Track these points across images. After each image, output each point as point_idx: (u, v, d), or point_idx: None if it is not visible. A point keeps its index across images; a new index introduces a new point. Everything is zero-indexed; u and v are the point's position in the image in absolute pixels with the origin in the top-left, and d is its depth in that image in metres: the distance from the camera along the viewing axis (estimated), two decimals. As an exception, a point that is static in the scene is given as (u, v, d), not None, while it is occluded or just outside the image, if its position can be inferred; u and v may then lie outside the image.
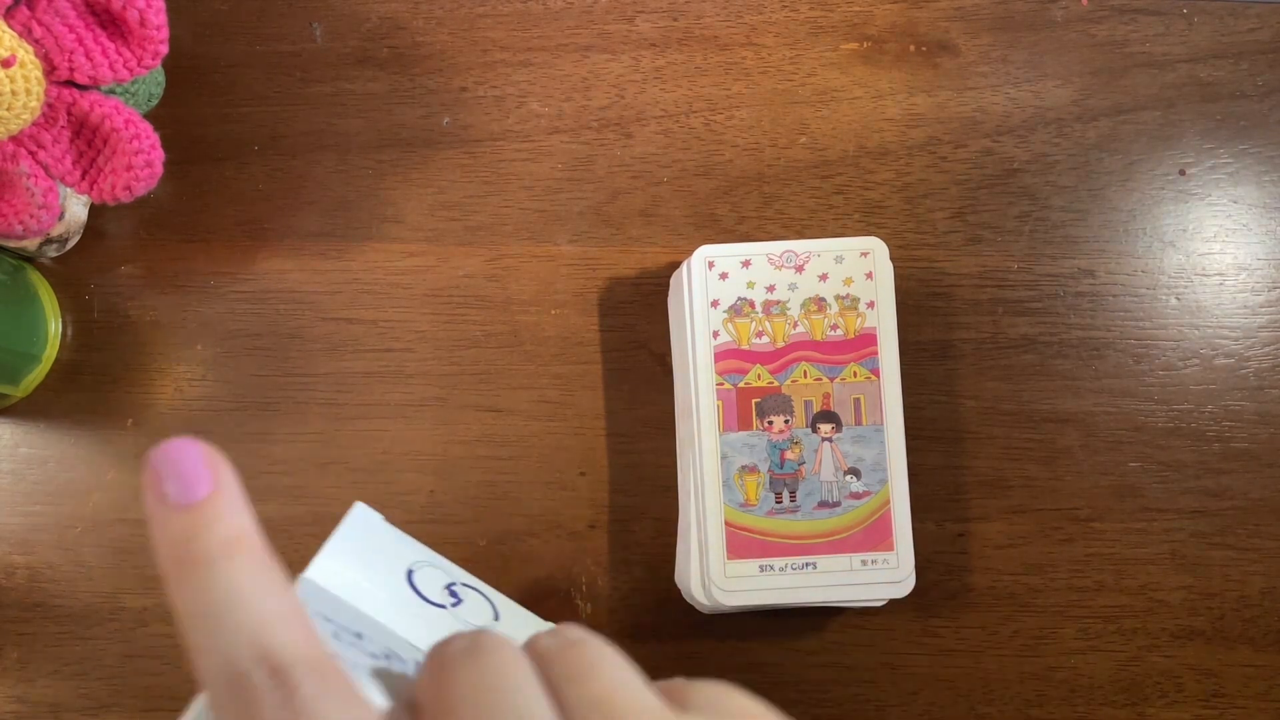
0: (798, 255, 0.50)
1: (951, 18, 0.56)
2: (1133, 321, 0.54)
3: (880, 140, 0.55)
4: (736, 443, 0.49)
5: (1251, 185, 0.55)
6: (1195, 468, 0.53)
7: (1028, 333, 0.54)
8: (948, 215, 0.55)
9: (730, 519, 0.48)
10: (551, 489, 0.53)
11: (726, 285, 0.50)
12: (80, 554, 0.52)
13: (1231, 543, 0.53)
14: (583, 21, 0.56)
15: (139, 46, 0.44)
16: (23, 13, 0.43)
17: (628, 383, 0.54)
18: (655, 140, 0.55)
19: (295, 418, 0.53)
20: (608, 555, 0.53)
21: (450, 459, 0.53)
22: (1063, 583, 0.53)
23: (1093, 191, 0.55)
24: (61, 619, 0.52)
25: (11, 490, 0.53)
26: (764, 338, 0.49)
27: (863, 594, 0.48)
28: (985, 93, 0.55)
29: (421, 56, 0.55)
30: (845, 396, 0.49)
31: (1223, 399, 0.53)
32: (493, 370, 0.54)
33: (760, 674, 0.52)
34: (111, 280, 0.54)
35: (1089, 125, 0.55)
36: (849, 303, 0.50)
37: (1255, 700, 0.52)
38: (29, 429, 0.53)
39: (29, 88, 0.43)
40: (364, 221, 0.54)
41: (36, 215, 0.45)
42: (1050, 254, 0.54)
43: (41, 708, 0.52)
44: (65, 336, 0.54)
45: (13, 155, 0.44)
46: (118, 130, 0.45)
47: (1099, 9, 0.56)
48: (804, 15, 0.56)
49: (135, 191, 0.45)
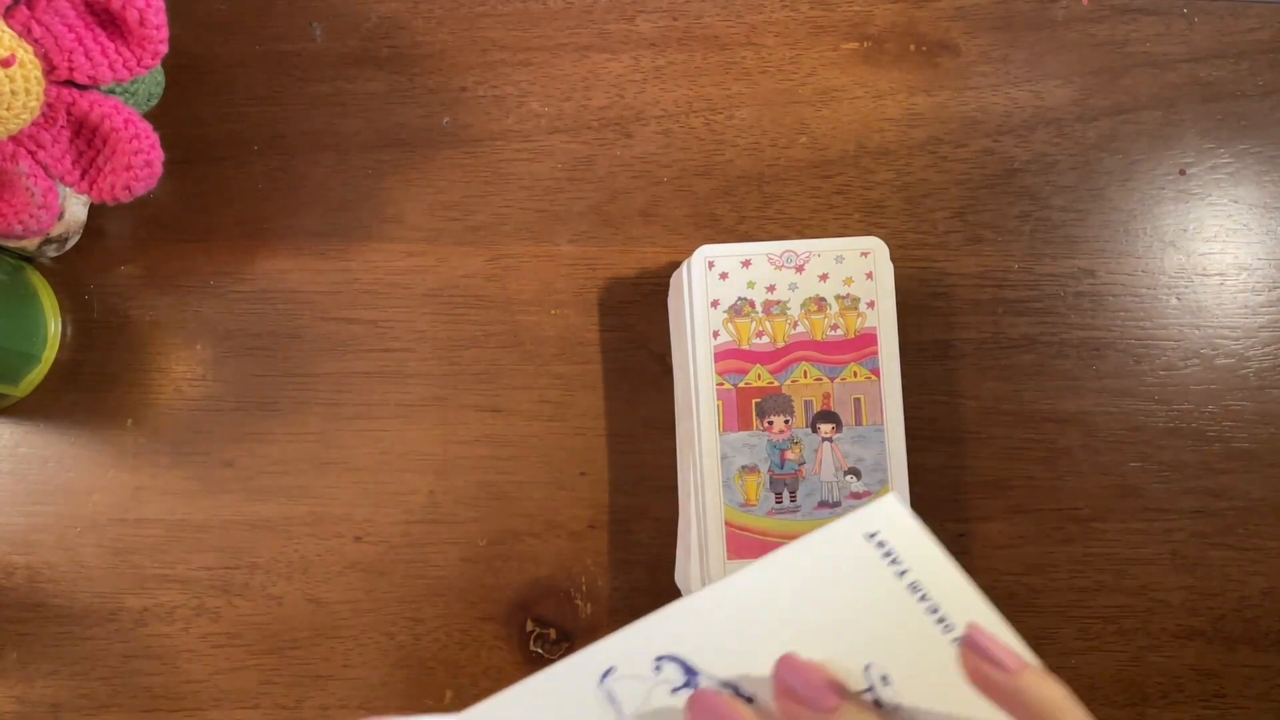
0: (798, 255, 0.50)
1: (952, 17, 0.56)
2: (1133, 321, 0.54)
3: (880, 140, 0.55)
4: (737, 442, 0.49)
5: (1252, 185, 0.55)
6: (1195, 468, 0.53)
7: (1028, 333, 0.54)
8: (948, 215, 0.55)
9: (730, 519, 0.48)
10: (551, 489, 0.53)
11: (727, 285, 0.50)
12: (80, 554, 0.52)
13: (1232, 543, 0.53)
14: (583, 21, 0.56)
15: (139, 46, 0.44)
16: (22, 12, 0.43)
17: (628, 383, 0.54)
18: (655, 140, 0.55)
19: (295, 418, 0.53)
20: (608, 555, 0.53)
21: (450, 459, 0.53)
22: (1063, 583, 0.53)
23: (1093, 191, 0.55)
24: (61, 619, 0.52)
25: (11, 490, 0.53)
26: (764, 338, 0.49)
27: (863, 594, 0.48)
28: (985, 92, 0.55)
29: (421, 56, 0.55)
30: (845, 396, 0.49)
31: (1223, 399, 0.53)
32: (493, 370, 0.54)
33: (760, 674, 0.52)
34: (111, 280, 0.54)
35: (1089, 125, 0.55)
36: (849, 303, 0.50)
37: (1255, 700, 0.52)
38: (29, 429, 0.53)
39: (28, 87, 0.43)
40: (364, 221, 0.54)
41: (36, 215, 0.45)
42: (1050, 254, 0.54)
43: (41, 708, 0.52)
44: (65, 336, 0.54)
45: (12, 155, 0.44)
46: (117, 130, 0.45)
47: (1099, 9, 0.56)
48: (804, 15, 0.56)
49: (135, 191, 0.45)
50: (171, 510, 0.53)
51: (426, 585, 0.52)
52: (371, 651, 0.52)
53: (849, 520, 0.33)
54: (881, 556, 0.33)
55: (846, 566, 0.33)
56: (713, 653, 0.31)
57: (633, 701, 0.30)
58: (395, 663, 0.52)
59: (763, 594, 0.32)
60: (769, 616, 0.32)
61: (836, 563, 0.33)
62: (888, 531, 0.33)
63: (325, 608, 0.52)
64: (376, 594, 0.52)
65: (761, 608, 0.32)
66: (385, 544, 0.53)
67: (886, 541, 0.33)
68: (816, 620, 0.32)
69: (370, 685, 0.52)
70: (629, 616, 0.52)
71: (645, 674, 0.31)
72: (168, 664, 0.52)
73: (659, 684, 0.31)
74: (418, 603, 0.52)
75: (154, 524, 0.53)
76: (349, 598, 0.52)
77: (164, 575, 0.52)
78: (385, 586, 0.52)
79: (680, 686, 0.31)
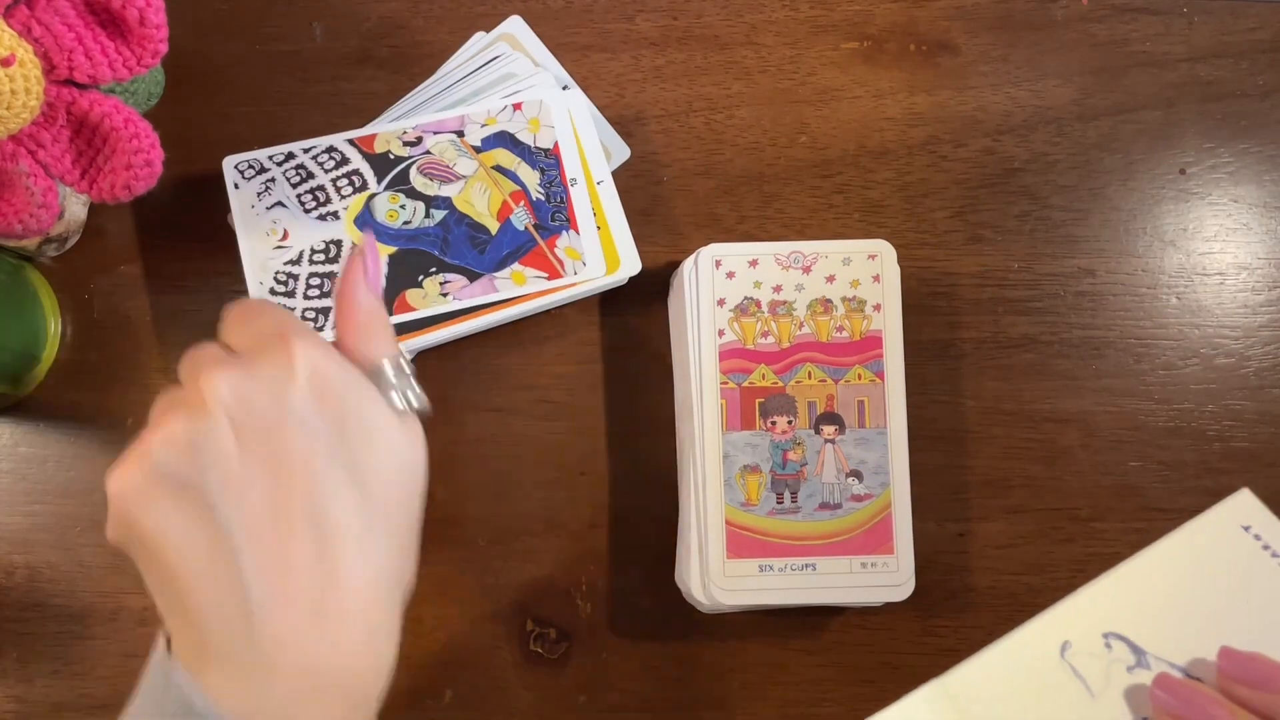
0: (805, 256, 0.50)
1: (951, 17, 0.56)
2: (1133, 321, 0.54)
3: (880, 140, 0.55)
4: (739, 442, 0.49)
5: (1252, 184, 0.55)
6: (1195, 467, 0.53)
7: (1028, 332, 0.54)
8: (948, 215, 0.55)
9: (731, 518, 0.48)
10: (551, 489, 0.53)
11: (733, 284, 0.50)
12: (80, 554, 0.52)
13: (1231, 542, 0.53)
14: (583, 21, 0.56)
15: (139, 46, 0.44)
16: (22, 12, 0.43)
17: (628, 383, 0.54)
18: (655, 140, 0.55)
19: (295, 417, 0.53)
20: (608, 555, 0.53)
21: (450, 459, 0.53)
22: (1063, 583, 0.52)
23: (1093, 191, 0.55)
24: (61, 619, 0.52)
25: (11, 490, 0.53)
26: (769, 338, 0.49)
27: (862, 597, 0.48)
28: (985, 92, 0.55)
29: (421, 56, 0.55)
30: (849, 399, 0.49)
31: (1223, 398, 0.54)
32: (493, 370, 0.54)
33: (760, 674, 0.52)
34: (111, 280, 0.54)
35: (1089, 125, 0.55)
36: (855, 305, 0.50)
37: (1255, 699, 0.52)
38: (29, 429, 0.53)
39: (28, 87, 0.43)
40: (364, 221, 0.54)
41: (36, 215, 0.45)
42: (1051, 253, 0.54)
43: (41, 708, 0.52)
44: (65, 336, 0.53)
45: (12, 155, 0.44)
46: (117, 129, 0.45)
47: (1099, 8, 0.56)
48: (804, 14, 0.56)
49: (135, 191, 0.45)
50: (171, 510, 0.52)
51: (426, 585, 0.52)
52: (372, 651, 0.52)
53: (1215, 514, 0.36)
54: (1261, 548, 0.35)
55: (1232, 556, 0.35)
56: (1149, 633, 0.34)
57: (1096, 679, 0.33)
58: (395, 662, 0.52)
59: (1163, 580, 0.35)
60: (1179, 603, 0.34)
61: (1221, 553, 0.35)
62: (1256, 524, 0.36)
63: (326, 608, 0.52)
64: (377, 594, 0.52)
65: (1169, 593, 0.35)
66: (386, 544, 0.52)
67: (1261, 534, 0.35)
68: (1224, 608, 0.34)
69: (371, 685, 0.52)
70: (629, 616, 0.52)
71: (1099, 651, 0.33)
72: (168, 664, 0.52)
73: (1114, 662, 0.33)
74: (417, 603, 0.52)
75: (154, 524, 0.52)
76: (349, 598, 0.52)
77: (164, 575, 0.52)
78: (386, 586, 0.52)
79: (1134, 666, 0.33)
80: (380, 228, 0.51)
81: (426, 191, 0.52)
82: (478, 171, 0.52)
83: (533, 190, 0.52)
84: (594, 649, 0.52)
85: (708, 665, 0.52)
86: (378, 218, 0.51)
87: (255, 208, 0.52)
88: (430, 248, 0.51)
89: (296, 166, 0.52)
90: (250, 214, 0.52)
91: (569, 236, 0.51)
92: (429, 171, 0.52)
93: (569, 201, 0.52)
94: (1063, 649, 0.33)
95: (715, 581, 0.48)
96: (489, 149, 0.52)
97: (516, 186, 0.52)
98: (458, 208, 0.51)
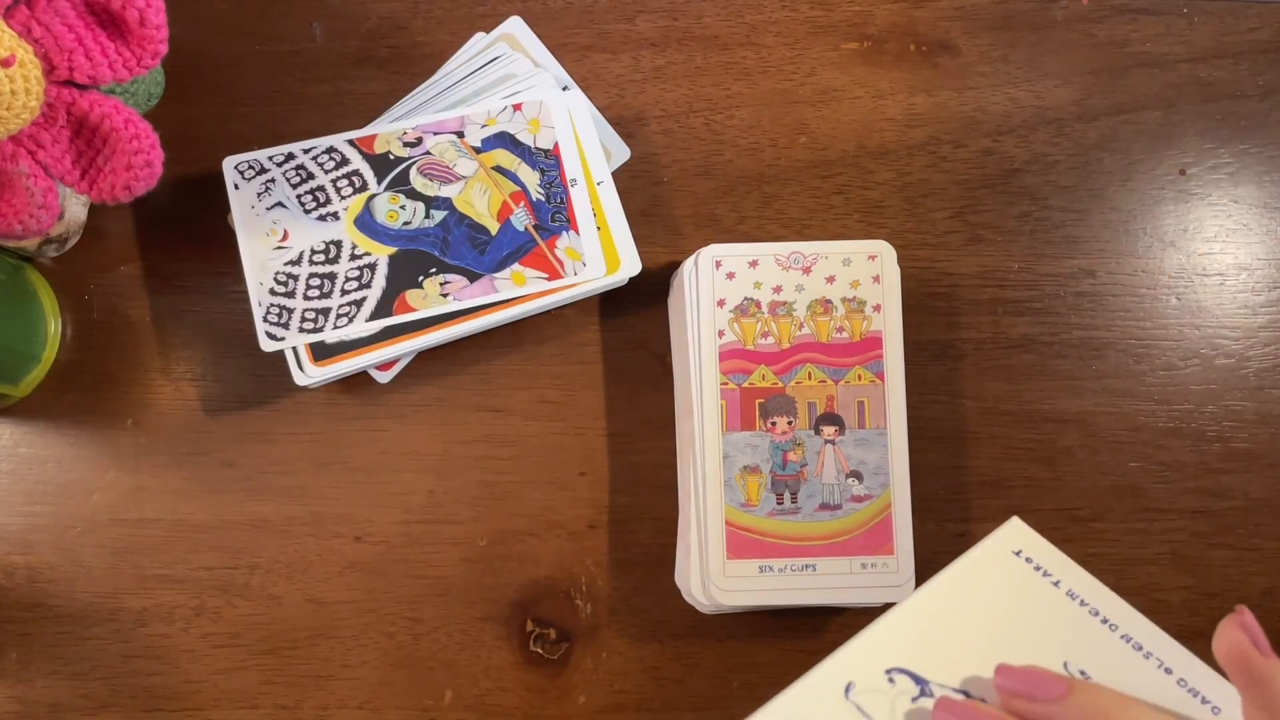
0: (805, 257, 0.50)
1: (951, 17, 0.56)
2: (1133, 321, 0.54)
3: (880, 140, 0.55)
4: (739, 442, 0.49)
5: (1252, 185, 0.55)
6: (1195, 468, 0.53)
7: (1028, 333, 0.54)
8: (948, 215, 0.55)
9: (731, 518, 0.48)
10: (551, 489, 0.53)
11: (733, 285, 0.50)
12: (80, 554, 0.52)
13: (1232, 543, 0.53)
14: (583, 21, 0.56)
15: (139, 46, 0.44)
16: (22, 12, 0.43)
17: (628, 383, 0.54)
18: (655, 140, 0.55)
19: (295, 418, 0.53)
20: (608, 555, 0.53)
21: (450, 459, 0.53)
22: (1063, 583, 0.53)
23: (1093, 191, 0.55)
24: (61, 619, 0.52)
25: (11, 490, 0.53)
26: (769, 338, 0.49)
27: (862, 597, 0.48)
28: (985, 93, 0.55)
29: (421, 56, 0.55)
30: (849, 399, 0.49)
31: (1223, 399, 0.54)
32: (493, 370, 0.54)
33: (760, 674, 0.52)
34: (111, 280, 0.54)
35: (1089, 125, 0.55)
36: (855, 305, 0.50)
37: (1255, 700, 0.52)
38: (29, 429, 0.53)
39: (28, 87, 0.43)
40: (364, 221, 0.54)
41: (36, 215, 0.45)
42: (1050, 254, 0.54)
43: (41, 708, 0.52)
44: (65, 336, 0.53)
45: (12, 155, 0.44)
46: (117, 130, 0.45)
47: (1099, 8, 0.56)
48: (804, 15, 0.56)
49: (135, 191, 0.45)
50: (171, 510, 0.53)
51: (426, 585, 0.52)
52: (371, 651, 0.52)
53: (988, 544, 0.37)
54: (1034, 569, 0.37)
55: (1007, 581, 0.36)
56: (930, 663, 0.34)
57: (882, 713, 0.33)
58: (395, 663, 0.52)
59: (943, 611, 0.36)
60: (960, 630, 0.35)
61: (997, 579, 0.37)
62: (1028, 549, 0.37)
63: (325, 608, 0.52)
64: (376, 594, 0.52)
65: (949, 623, 0.36)
66: (385, 544, 0.53)
67: (1033, 558, 0.37)
68: (1001, 630, 0.35)
69: (370, 685, 0.52)
70: (629, 616, 0.52)
71: (882, 686, 0.34)
72: (168, 664, 0.52)
73: (899, 695, 0.34)
74: (417, 603, 0.52)
75: (154, 524, 0.52)
76: (349, 598, 0.52)
77: (164, 575, 0.52)
78: (385, 586, 0.52)
79: (918, 696, 0.34)
80: (380, 228, 0.51)
81: (426, 192, 0.52)
82: (478, 172, 0.52)
83: (533, 191, 0.52)
84: (594, 649, 0.52)
85: (708, 665, 0.52)
86: (378, 218, 0.51)
87: (255, 208, 0.52)
88: (430, 248, 0.51)
89: (296, 167, 0.52)
90: (250, 214, 0.52)
91: (569, 237, 0.51)
92: (429, 172, 0.52)
93: (569, 202, 0.52)
94: (847, 690, 0.34)
95: (715, 582, 0.48)
96: (489, 149, 0.52)
97: (516, 187, 0.52)
98: (458, 208, 0.51)
